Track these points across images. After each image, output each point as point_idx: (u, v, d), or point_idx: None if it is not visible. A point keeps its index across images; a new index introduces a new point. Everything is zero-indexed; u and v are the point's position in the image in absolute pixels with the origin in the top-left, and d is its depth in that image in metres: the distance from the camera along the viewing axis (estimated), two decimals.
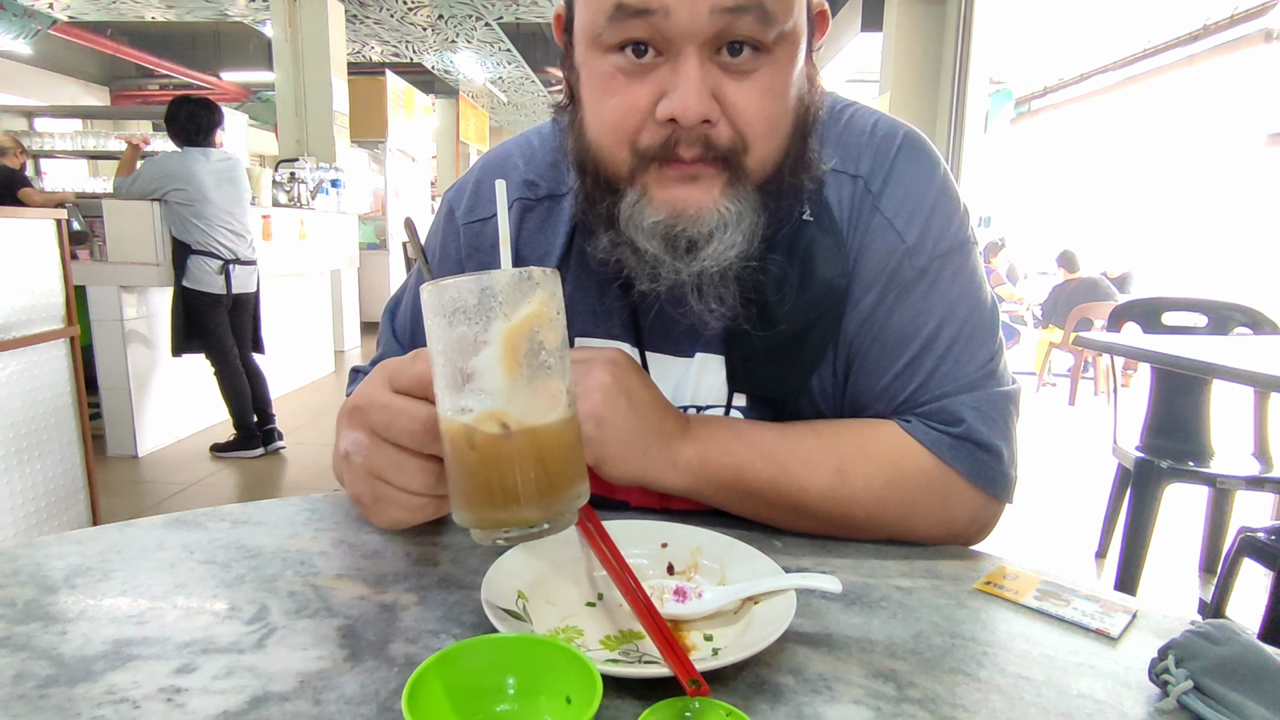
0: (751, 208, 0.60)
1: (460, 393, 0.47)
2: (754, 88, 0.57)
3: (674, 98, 0.55)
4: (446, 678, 0.40)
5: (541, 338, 0.47)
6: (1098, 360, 5.37)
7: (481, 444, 0.47)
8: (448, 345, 0.47)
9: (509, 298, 0.46)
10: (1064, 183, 11.42)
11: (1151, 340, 2.11)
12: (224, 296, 3.39)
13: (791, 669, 0.47)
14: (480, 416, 0.47)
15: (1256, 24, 6.38)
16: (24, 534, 2.25)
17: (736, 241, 0.59)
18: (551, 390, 0.48)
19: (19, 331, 2.20)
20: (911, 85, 5.74)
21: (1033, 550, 2.72)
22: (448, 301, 0.47)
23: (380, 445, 0.53)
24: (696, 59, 0.55)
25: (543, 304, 0.47)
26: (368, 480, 0.55)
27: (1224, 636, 0.43)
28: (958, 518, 0.65)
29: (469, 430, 0.47)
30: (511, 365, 0.46)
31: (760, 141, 0.58)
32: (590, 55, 0.59)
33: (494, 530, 0.49)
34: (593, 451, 0.61)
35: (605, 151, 0.61)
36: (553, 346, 0.48)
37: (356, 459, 0.55)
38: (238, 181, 3.42)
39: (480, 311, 0.46)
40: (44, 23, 7.59)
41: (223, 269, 3.35)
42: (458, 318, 0.46)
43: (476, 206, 0.74)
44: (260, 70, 9.37)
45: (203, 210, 3.28)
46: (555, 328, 0.48)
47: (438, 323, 0.47)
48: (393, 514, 0.55)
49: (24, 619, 0.50)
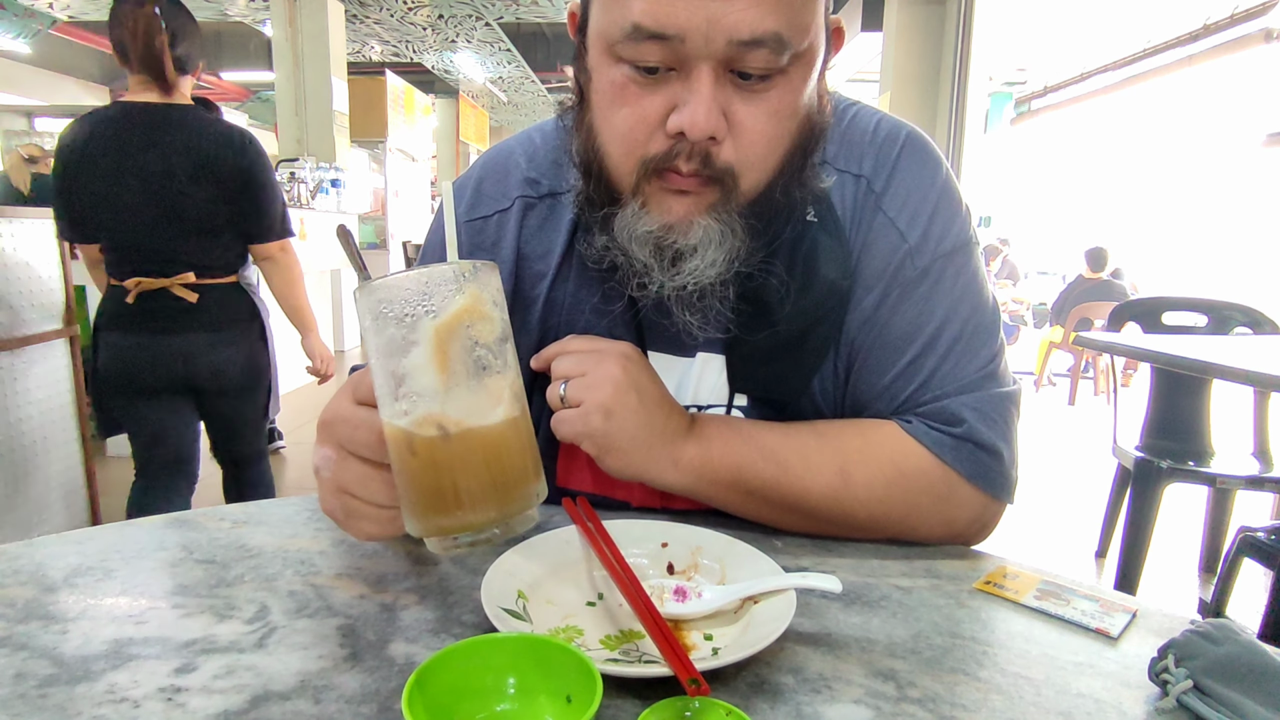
0: (733, 231, 0.59)
1: (396, 396, 0.45)
2: (764, 108, 0.57)
3: (684, 112, 0.55)
4: (446, 678, 0.40)
5: (476, 334, 0.46)
6: (1097, 360, 5.37)
7: (421, 449, 0.45)
8: (380, 347, 0.45)
9: (436, 294, 0.44)
10: (1064, 183, 11.41)
11: (1151, 340, 2.11)
12: None
13: (791, 669, 0.47)
14: (417, 420, 0.45)
15: (1256, 24, 6.39)
16: (24, 534, 2.25)
17: (717, 260, 0.59)
18: (493, 389, 0.46)
19: (19, 331, 2.20)
20: (911, 85, 5.74)
21: (1033, 550, 2.72)
22: (374, 303, 0.45)
23: (346, 459, 0.53)
24: (710, 76, 0.55)
25: (474, 299, 0.45)
26: (336, 495, 0.54)
27: (1224, 636, 0.43)
28: (958, 518, 0.65)
29: (408, 435, 0.45)
30: (443, 364, 0.45)
31: (756, 163, 0.58)
32: (604, 61, 0.59)
33: (444, 538, 0.47)
34: (597, 443, 0.61)
35: (612, 160, 0.60)
36: (489, 342, 0.46)
37: (325, 474, 0.54)
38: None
39: (407, 310, 0.44)
40: (44, 22, 7.59)
41: None
42: (386, 318, 0.45)
43: (478, 204, 0.74)
44: (260, 70, 9.36)
45: None
46: (491, 323, 0.46)
47: (370, 325, 0.45)
48: (365, 528, 0.54)
49: (24, 619, 0.50)
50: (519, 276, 0.73)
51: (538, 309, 0.72)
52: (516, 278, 0.73)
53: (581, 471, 0.72)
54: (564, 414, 0.62)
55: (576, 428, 0.61)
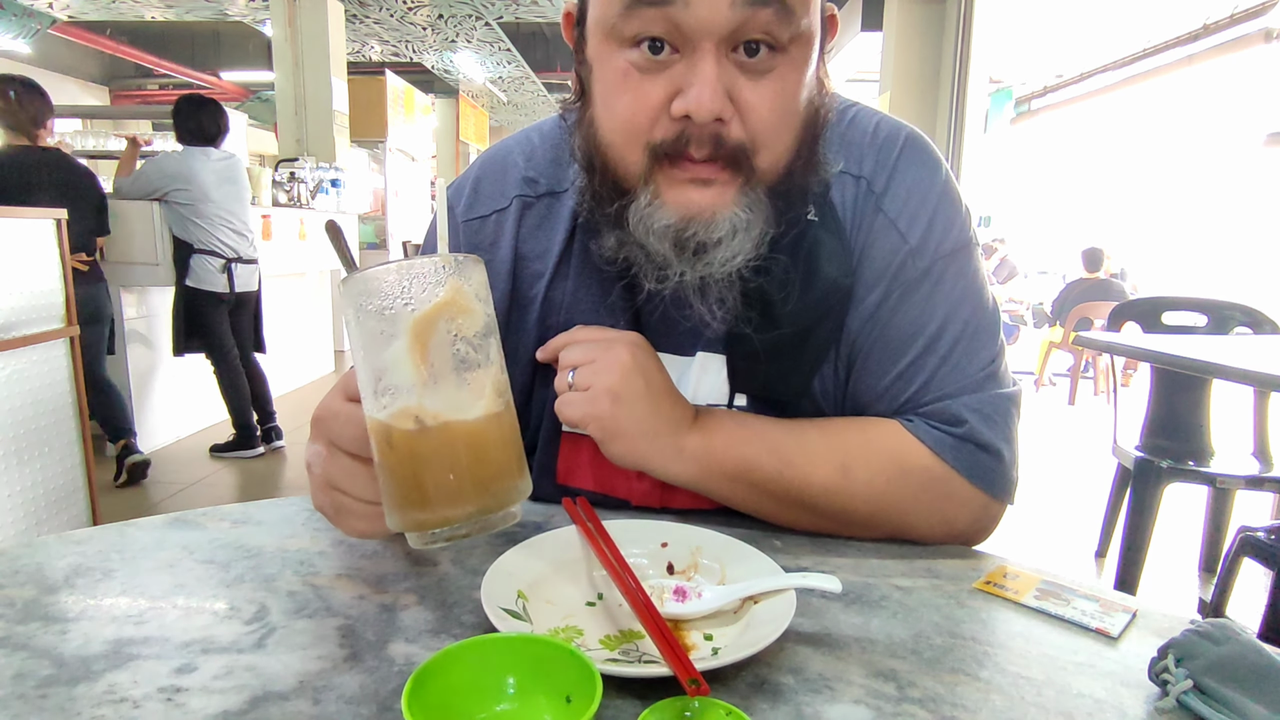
0: (762, 215, 0.59)
1: (376, 389, 0.45)
2: (768, 88, 0.57)
3: (689, 95, 0.55)
4: (446, 678, 0.39)
5: (456, 327, 0.45)
6: (1097, 360, 5.37)
7: (399, 442, 0.45)
8: (362, 340, 0.45)
9: (417, 287, 0.44)
10: (1064, 182, 11.42)
11: (1151, 340, 2.11)
12: (227, 295, 3.39)
13: (791, 669, 0.47)
14: (395, 413, 0.45)
15: (1256, 24, 6.39)
16: (24, 534, 2.25)
17: (745, 248, 0.59)
18: (473, 383, 0.46)
19: (19, 331, 2.20)
20: (911, 85, 5.74)
21: (1033, 550, 2.72)
22: (355, 295, 0.45)
23: (335, 455, 0.53)
24: (714, 56, 0.54)
25: (456, 292, 0.45)
26: (326, 491, 0.54)
27: (1224, 636, 0.43)
28: (958, 517, 0.65)
29: (386, 428, 0.45)
30: (421, 357, 0.44)
31: (770, 142, 0.58)
32: (604, 50, 0.58)
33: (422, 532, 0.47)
34: (604, 426, 0.60)
35: (616, 150, 0.60)
36: (471, 336, 0.46)
37: (316, 470, 0.54)
38: (238, 180, 3.42)
39: (388, 302, 0.44)
40: (44, 22, 7.58)
41: (225, 268, 3.36)
42: (367, 311, 0.44)
43: (477, 204, 0.74)
44: (260, 70, 9.36)
45: (204, 209, 3.28)
46: (473, 316, 0.46)
47: (352, 318, 0.45)
48: (355, 524, 0.54)
49: (24, 619, 0.50)
50: (517, 276, 0.73)
51: (536, 308, 0.72)
52: (514, 277, 0.72)
53: (582, 470, 0.72)
54: (570, 396, 0.62)
55: (584, 409, 0.61)
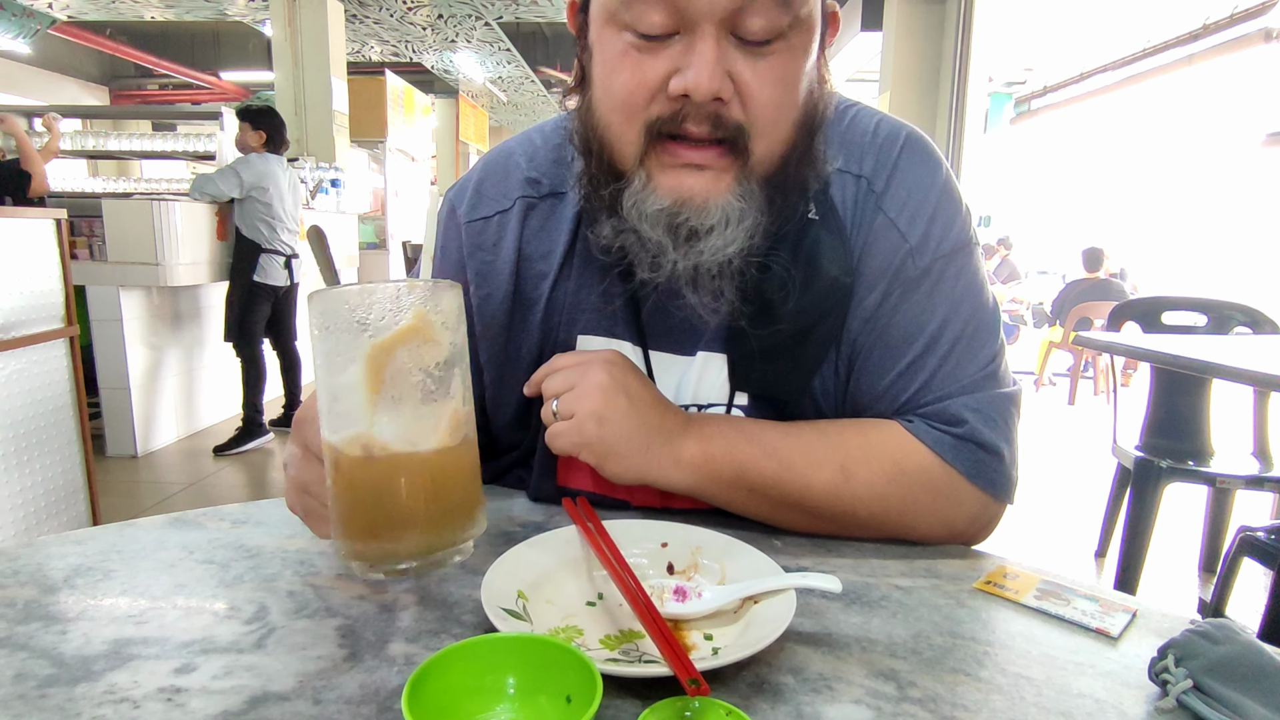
0: (756, 206, 0.59)
1: (330, 411, 0.44)
2: (768, 72, 0.56)
3: (688, 74, 0.55)
4: (446, 678, 0.39)
5: (417, 357, 0.43)
6: (1097, 360, 5.37)
7: (345, 468, 0.43)
8: (321, 360, 0.43)
9: (379, 312, 0.42)
10: (1064, 182, 11.41)
11: (1151, 340, 2.11)
12: (288, 289, 3.73)
13: (791, 669, 0.47)
14: (345, 439, 0.43)
15: (1256, 24, 6.38)
16: (24, 534, 2.25)
17: (737, 238, 0.59)
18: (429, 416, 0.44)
19: (19, 331, 2.20)
20: (911, 85, 5.74)
21: (1033, 550, 2.72)
22: (318, 314, 0.43)
23: (309, 459, 0.53)
24: (714, 36, 0.54)
25: (420, 319, 0.43)
26: (298, 493, 0.55)
27: (1224, 636, 0.43)
28: (959, 517, 0.65)
29: (335, 451, 0.44)
30: (375, 385, 0.42)
31: (768, 127, 0.58)
32: (605, 33, 0.58)
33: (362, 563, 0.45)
34: (594, 450, 0.61)
35: (613, 129, 0.60)
36: (431, 367, 0.44)
37: (290, 472, 0.55)
38: (298, 186, 3.82)
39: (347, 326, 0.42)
40: (44, 23, 7.58)
41: (286, 263, 3.71)
42: (329, 331, 0.42)
43: (478, 205, 0.74)
44: (260, 70, 9.35)
45: (278, 211, 3.61)
46: (437, 347, 0.44)
47: (316, 335, 0.43)
48: (324, 529, 0.55)
49: (24, 619, 0.50)
50: (520, 277, 0.73)
51: (539, 309, 0.72)
52: (518, 278, 0.72)
53: (582, 470, 0.72)
54: (557, 427, 0.62)
55: (572, 439, 0.61)
